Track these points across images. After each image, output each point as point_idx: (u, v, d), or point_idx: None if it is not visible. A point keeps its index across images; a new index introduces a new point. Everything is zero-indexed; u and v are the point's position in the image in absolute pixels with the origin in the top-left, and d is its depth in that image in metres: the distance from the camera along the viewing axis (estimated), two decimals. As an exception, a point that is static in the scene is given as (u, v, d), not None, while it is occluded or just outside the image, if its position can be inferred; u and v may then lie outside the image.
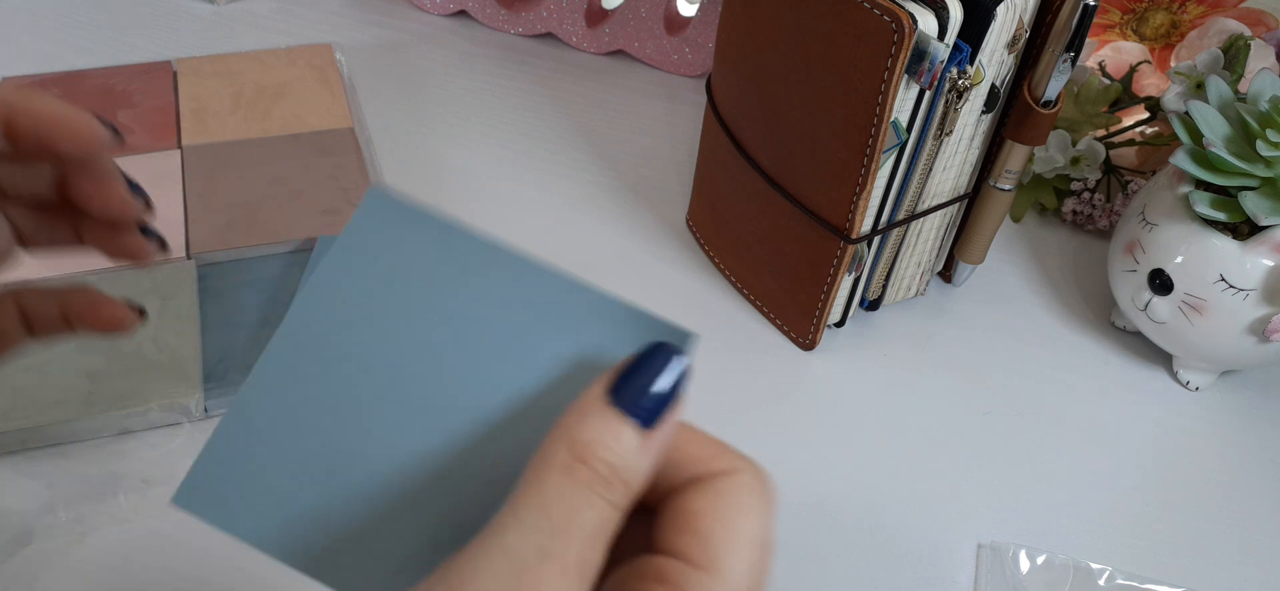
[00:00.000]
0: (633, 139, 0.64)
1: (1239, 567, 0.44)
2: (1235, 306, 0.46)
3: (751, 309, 0.53)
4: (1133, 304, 0.50)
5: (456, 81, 0.66)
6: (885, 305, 0.53)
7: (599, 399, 0.22)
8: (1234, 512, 0.46)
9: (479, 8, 0.71)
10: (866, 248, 0.48)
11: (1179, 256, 0.47)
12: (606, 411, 0.22)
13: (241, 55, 0.63)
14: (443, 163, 0.60)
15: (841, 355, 0.51)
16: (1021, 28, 0.43)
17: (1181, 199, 0.47)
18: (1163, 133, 0.59)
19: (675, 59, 0.69)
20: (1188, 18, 0.61)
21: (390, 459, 0.24)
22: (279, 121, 0.59)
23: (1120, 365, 0.53)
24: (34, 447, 0.43)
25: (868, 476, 0.46)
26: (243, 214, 0.52)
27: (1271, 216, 0.44)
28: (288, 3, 0.71)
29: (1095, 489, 0.47)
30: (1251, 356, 0.48)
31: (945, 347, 0.52)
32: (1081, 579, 0.42)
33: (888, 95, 0.40)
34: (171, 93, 0.60)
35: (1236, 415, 0.51)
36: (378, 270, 0.24)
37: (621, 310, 0.24)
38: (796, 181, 0.47)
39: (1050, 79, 0.44)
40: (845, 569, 0.42)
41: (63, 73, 0.61)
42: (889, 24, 0.39)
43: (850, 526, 0.44)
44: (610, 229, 0.57)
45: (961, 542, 0.44)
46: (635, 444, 0.22)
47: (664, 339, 0.24)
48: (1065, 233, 0.60)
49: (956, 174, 0.48)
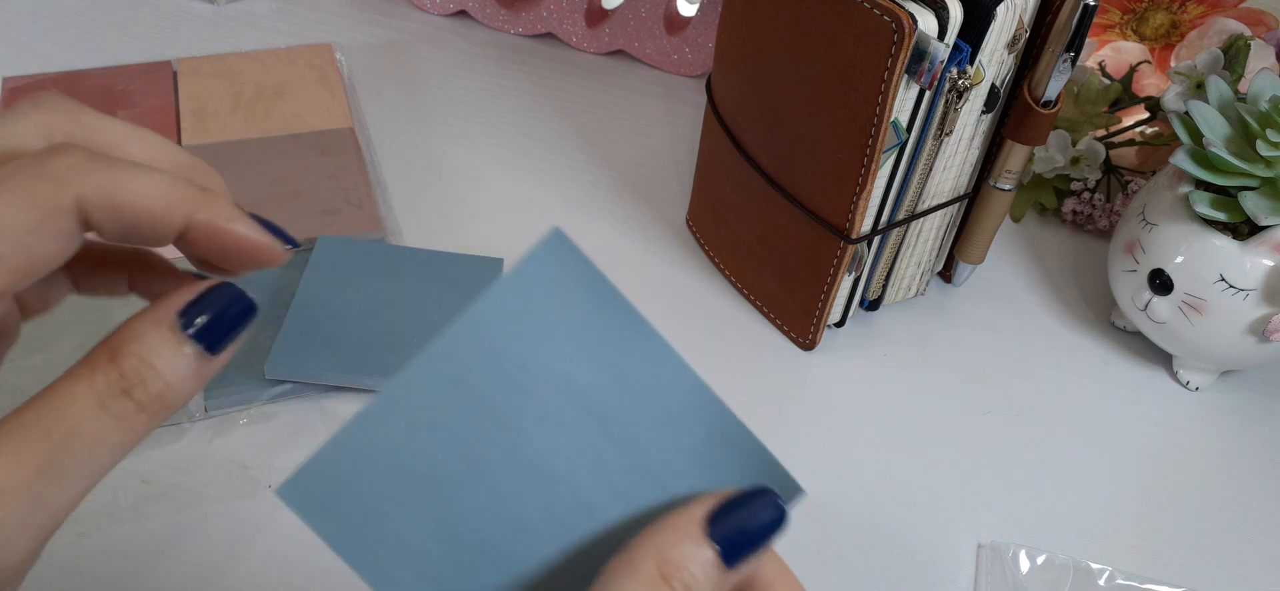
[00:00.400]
0: (633, 139, 0.64)
1: (1239, 567, 0.44)
2: (1235, 306, 0.46)
3: (751, 309, 0.53)
4: (1133, 304, 0.50)
5: (456, 81, 0.66)
6: (885, 305, 0.53)
7: (697, 523, 0.23)
8: (1234, 512, 0.46)
9: (479, 8, 0.71)
10: (866, 248, 0.48)
11: (1179, 256, 0.47)
12: (701, 538, 0.23)
13: (241, 55, 0.63)
14: (443, 163, 0.60)
15: (841, 355, 0.51)
16: (1021, 28, 0.43)
17: (1181, 199, 0.47)
18: (1163, 133, 0.59)
19: (675, 59, 0.69)
20: (1188, 18, 0.61)
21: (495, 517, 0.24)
22: (279, 121, 0.59)
23: (1120, 365, 0.53)
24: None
25: (868, 476, 0.46)
26: (243, 214, 0.52)
27: (1271, 216, 0.44)
28: (288, 3, 0.71)
29: (1095, 489, 0.47)
30: (1251, 356, 0.48)
31: (945, 347, 0.52)
32: (1081, 579, 0.42)
33: (888, 95, 0.40)
34: (171, 93, 0.60)
35: (1236, 415, 0.51)
36: (537, 319, 0.23)
37: (747, 439, 0.25)
38: (796, 181, 0.47)
39: (1050, 79, 0.44)
40: (845, 569, 0.42)
41: (63, 73, 0.61)
42: (889, 24, 0.39)
43: (850, 526, 0.44)
44: (610, 229, 0.57)
45: (961, 542, 0.44)
46: (717, 577, 0.23)
47: (775, 484, 0.24)
48: (1065, 233, 0.60)
49: (956, 174, 0.48)
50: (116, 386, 0.22)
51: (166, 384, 0.23)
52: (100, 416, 0.22)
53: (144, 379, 0.22)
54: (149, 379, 0.22)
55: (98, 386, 0.22)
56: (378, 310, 0.48)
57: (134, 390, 0.22)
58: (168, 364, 0.23)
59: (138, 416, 0.22)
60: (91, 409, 0.22)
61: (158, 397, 0.23)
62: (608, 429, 0.24)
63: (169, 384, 0.23)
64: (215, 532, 0.41)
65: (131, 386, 0.22)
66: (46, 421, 0.21)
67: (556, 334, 0.23)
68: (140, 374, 0.22)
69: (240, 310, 0.24)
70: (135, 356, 0.22)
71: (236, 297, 0.24)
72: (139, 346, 0.22)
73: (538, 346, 0.23)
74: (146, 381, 0.22)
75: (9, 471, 0.21)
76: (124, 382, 0.22)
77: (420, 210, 0.56)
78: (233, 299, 0.24)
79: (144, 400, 0.22)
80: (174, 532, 0.41)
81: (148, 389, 0.22)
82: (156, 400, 0.23)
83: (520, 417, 0.24)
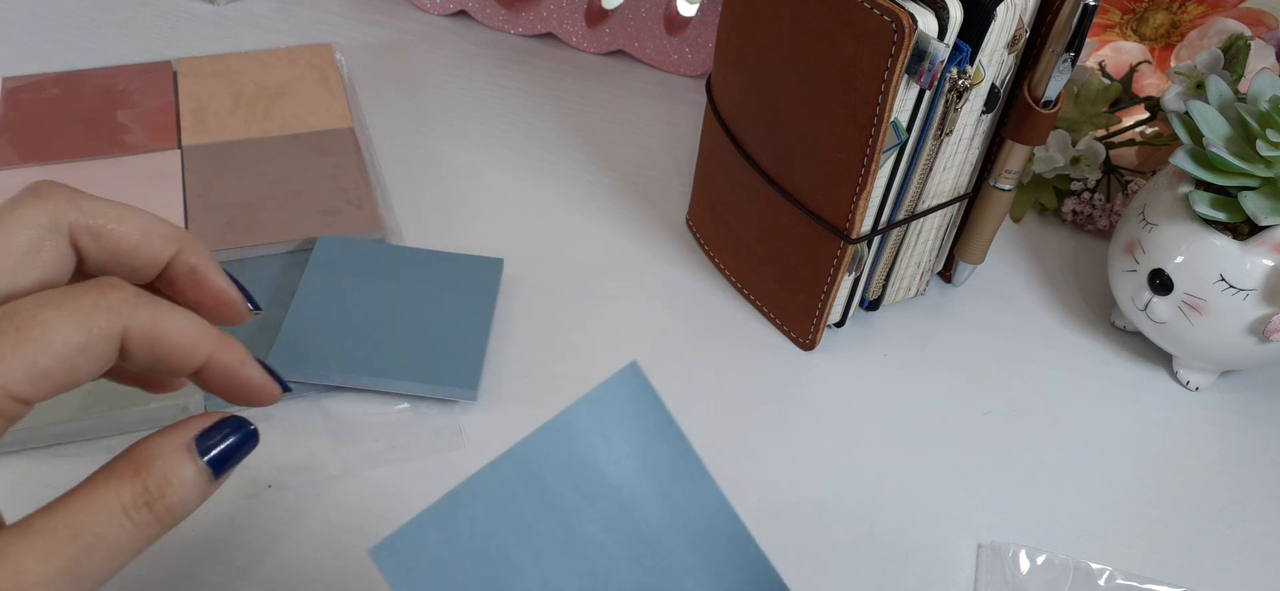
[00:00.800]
0: (633, 139, 0.64)
1: (1239, 567, 0.44)
2: (1235, 306, 0.46)
3: (751, 309, 0.53)
4: (1133, 304, 0.50)
5: (456, 81, 0.66)
6: (885, 305, 0.53)
7: None
8: (1234, 512, 0.46)
9: (479, 8, 0.71)
10: (866, 248, 0.48)
11: (1179, 256, 0.47)
12: None
13: (241, 55, 0.63)
14: (443, 163, 0.60)
15: (841, 355, 0.51)
16: (1021, 28, 0.43)
17: (1181, 199, 0.47)
18: (1163, 133, 0.59)
19: (675, 59, 0.69)
20: (1188, 18, 0.61)
21: None
22: (279, 121, 0.59)
23: (1120, 365, 0.53)
24: (33, 448, 0.43)
25: (868, 476, 0.46)
26: (243, 214, 0.52)
27: (1271, 216, 0.44)
28: (288, 3, 0.71)
29: (1095, 489, 0.47)
30: (1251, 356, 0.48)
31: (945, 347, 0.52)
32: (1081, 579, 0.42)
33: (888, 95, 0.40)
34: (171, 93, 0.60)
35: (1236, 415, 0.51)
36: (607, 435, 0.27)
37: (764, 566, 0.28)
38: (796, 181, 0.47)
39: (1050, 79, 0.44)
40: (845, 569, 0.42)
41: (63, 73, 0.61)
42: (889, 24, 0.39)
43: (850, 526, 0.44)
44: (610, 229, 0.57)
45: (961, 542, 0.44)
46: None
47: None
48: (1065, 233, 0.60)
49: (956, 174, 0.48)
50: (140, 498, 0.25)
51: (180, 499, 0.26)
52: (122, 524, 0.25)
53: (164, 494, 0.26)
54: (168, 494, 0.26)
55: (124, 498, 0.25)
56: (378, 310, 0.48)
57: (154, 502, 0.25)
58: (183, 482, 0.26)
59: (154, 526, 0.25)
60: (116, 517, 0.25)
61: (171, 511, 0.26)
62: (647, 538, 0.28)
63: (182, 499, 0.26)
64: (215, 532, 0.41)
65: (153, 499, 0.25)
66: (74, 525, 0.24)
67: (620, 449, 0.28)
68: (161, 489, 0.25)
69: (246, 437, 0.28)
70: (159, 473, 0.26)
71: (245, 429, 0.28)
72: (162, 465, 0.26)
73: (604, 457, 0.27)
74: (165, 496, 0.26)
75: (37, 567, 0.23)
76: (147, 495, 0.25)
77: (420, 210, 0.56)
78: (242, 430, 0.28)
79: (161, 512, 0.26)
80: (173, 532, 0.41)
81: (165, 502, 0.26)
82: (170, 512, 0.26)
83: (579, 517, 0.27)
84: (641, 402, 0.28)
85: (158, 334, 0.26)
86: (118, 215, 0.28)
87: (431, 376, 0.46)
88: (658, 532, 0.28)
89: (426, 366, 0.46)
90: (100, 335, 0.25)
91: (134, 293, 0.26)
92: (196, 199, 0.53)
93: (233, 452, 0.27)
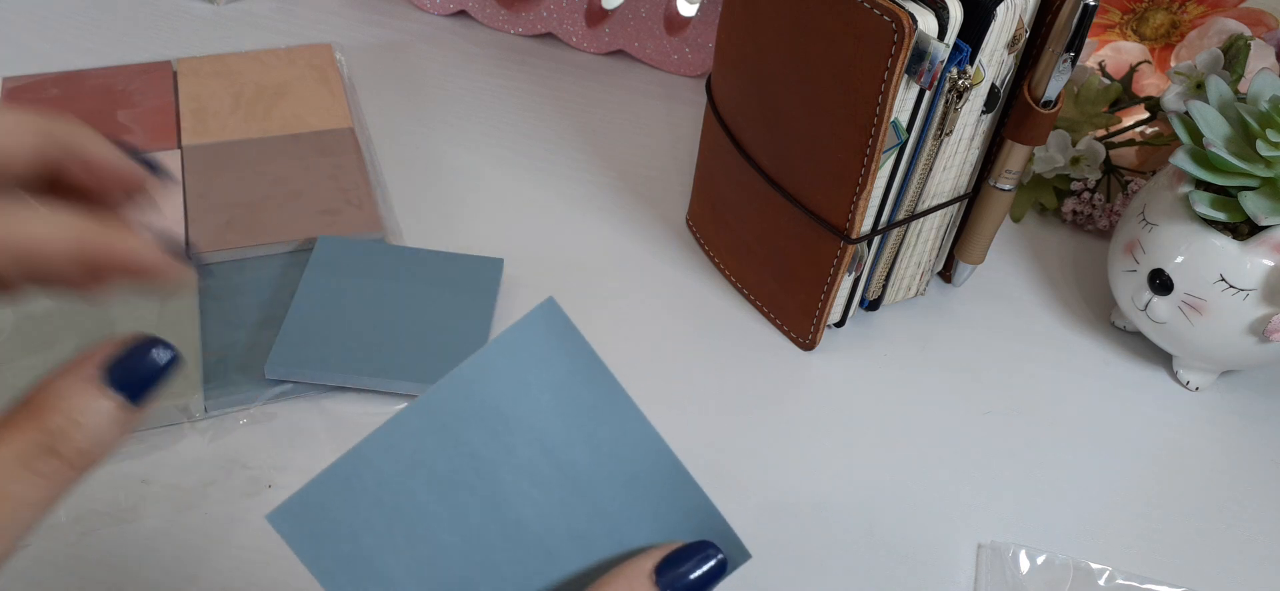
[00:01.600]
0: (633, 139, 0.64)
1: (1239, 567, 0.44)
2: (1235, 306, 0.46)
3: (751, 309, 0.53)
4: (1133, 304, 0.50)
5: (456, 81, 0.66)
6: (885, 305, 0.53)
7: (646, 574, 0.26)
8: (1234, 512, 0.46)
9: (479, 8, 0.71)
10: (866, 248, 0.48)
11: (1179, 256, 0.47)
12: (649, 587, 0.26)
13: (241, 55, 0.64)
14: (443, 163, 0.60)
15: (841, 355, 0.51)
16: (1021, 28, 0.43)
17: (1181, 199, 0.47)
18: (1163, 133, 0.59)
19: (675, 59, 0.69)
20: (1188, 18, 0.61)
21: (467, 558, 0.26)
22: (279, 121, 0.59)
23: (1120, 365, 0.53)
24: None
25: (868, 476, 0.46)
26: (243, 214, 0.52)
27: (1271, 216, 0.44)
28: (288, 3, 0.71)
29: (1095, 489, 0.47)
30: (1251, 356, 0.48)
31: (945, 347, 0.52)
32: (1081, 579, 0.42)
33: (888, 95, 0.40)
34: (171, 93, 0.60)
35: (1236, 415, 0.51)
36: (524, 379, 0.26)
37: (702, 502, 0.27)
38: (796, 181, 0.47)
39: (1050, 79, 0.44)
40: (845, 569, 0.42)
41: (63, 73, 0.61)
42: (889, 24, 0.39)
43: (850, 526, 0.44)
44: (610, 229, 0.57)
45: (961, 542, 0.44)
46: None
47: (723, 544, 0.27)
48: (1065, 233, 0.60)
49: (956, 174, 0.48)
50: (41, 445, 0.22)
51: (92, 438, 0.23)
52: (23, 477, 0.22)
53: (69, 435, 0.23)
54: (74, 435, 0.23)
55: (19, 448, 0.22)
56: (378, 310, 0.48)
57: (60, 446, 0.23)
58: (92, 418, 0.23)
59: (65, 472, 0.23)
60: (14, 471, 0.22)
61: (84, 454, 0.23)
62: (576, 484, 0.26)
63: (94, 438, 0.23)
64: (215, 532, 0.41)
65: (56, 443, 0.23)
66: None
67: (539, 394, 0.26)
68: (65, 430, 0.23)
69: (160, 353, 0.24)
70: (61, 414, 0.23)
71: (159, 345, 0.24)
72: (64, 404, 0.23)
73: (520, 404, 0.26)
74: (72, 437, 0.23)
75: None
76: (49, 440, 0.23)
77: (420, 210, 0.56)
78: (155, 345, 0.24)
79: (72, 456, 0.23)
80: (174, 532, 0.41)
81: (73, 444, 0.23)
82: (83, 456, 0.23)
83: (497, 468, 0.26)
84: (561, 342, 0.26)
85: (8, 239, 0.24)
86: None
87: (431, 376, 0.45)
88: (588, 477, 0.26)
89: (426, 366, 0.46)
90: None
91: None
92: (197, 199, 0.53)
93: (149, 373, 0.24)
